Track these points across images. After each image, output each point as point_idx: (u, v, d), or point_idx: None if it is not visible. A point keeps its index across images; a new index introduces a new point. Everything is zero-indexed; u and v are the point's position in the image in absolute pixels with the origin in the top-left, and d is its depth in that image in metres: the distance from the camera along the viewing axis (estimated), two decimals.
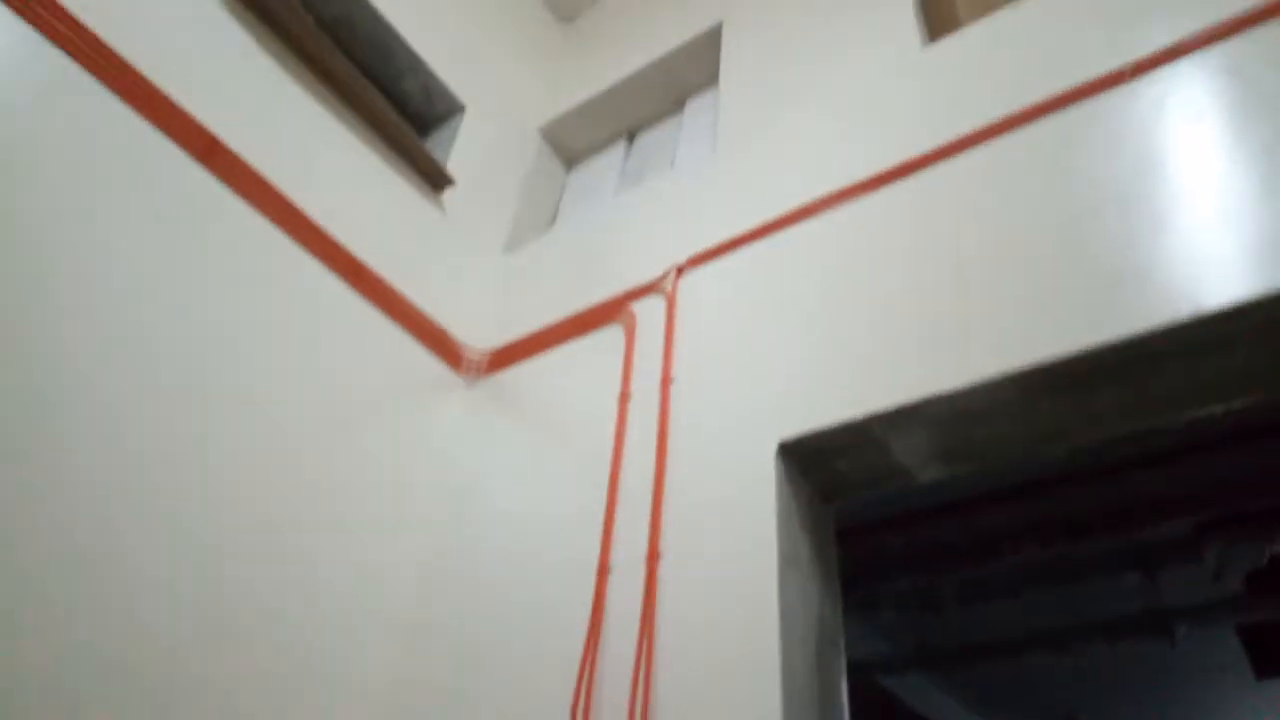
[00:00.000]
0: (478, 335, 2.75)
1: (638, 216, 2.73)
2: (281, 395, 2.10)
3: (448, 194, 2.85)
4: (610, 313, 2.45)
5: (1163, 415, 1.63)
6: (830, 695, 1.61)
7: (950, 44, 2.23)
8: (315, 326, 2.25)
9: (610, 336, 2.40)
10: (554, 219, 3.30)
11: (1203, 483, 3.51)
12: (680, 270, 2.36)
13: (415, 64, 2.93)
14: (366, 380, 2.34)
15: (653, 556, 1.80)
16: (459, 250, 2.85)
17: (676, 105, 3.24)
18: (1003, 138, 1.91)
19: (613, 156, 3.36)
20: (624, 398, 2.18)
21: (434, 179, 2.76)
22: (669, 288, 2.34)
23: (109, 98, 1.94)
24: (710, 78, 3.05)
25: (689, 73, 3.15)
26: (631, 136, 3.37)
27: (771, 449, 1.80)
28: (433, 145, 3.03)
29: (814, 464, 1.83)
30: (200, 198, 2.06)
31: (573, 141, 3.47)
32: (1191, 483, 3.51)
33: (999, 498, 3.84)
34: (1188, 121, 1.68)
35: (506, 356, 2.65)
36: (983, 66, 2.10)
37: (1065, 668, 5.41)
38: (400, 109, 2.87)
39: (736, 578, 1.66)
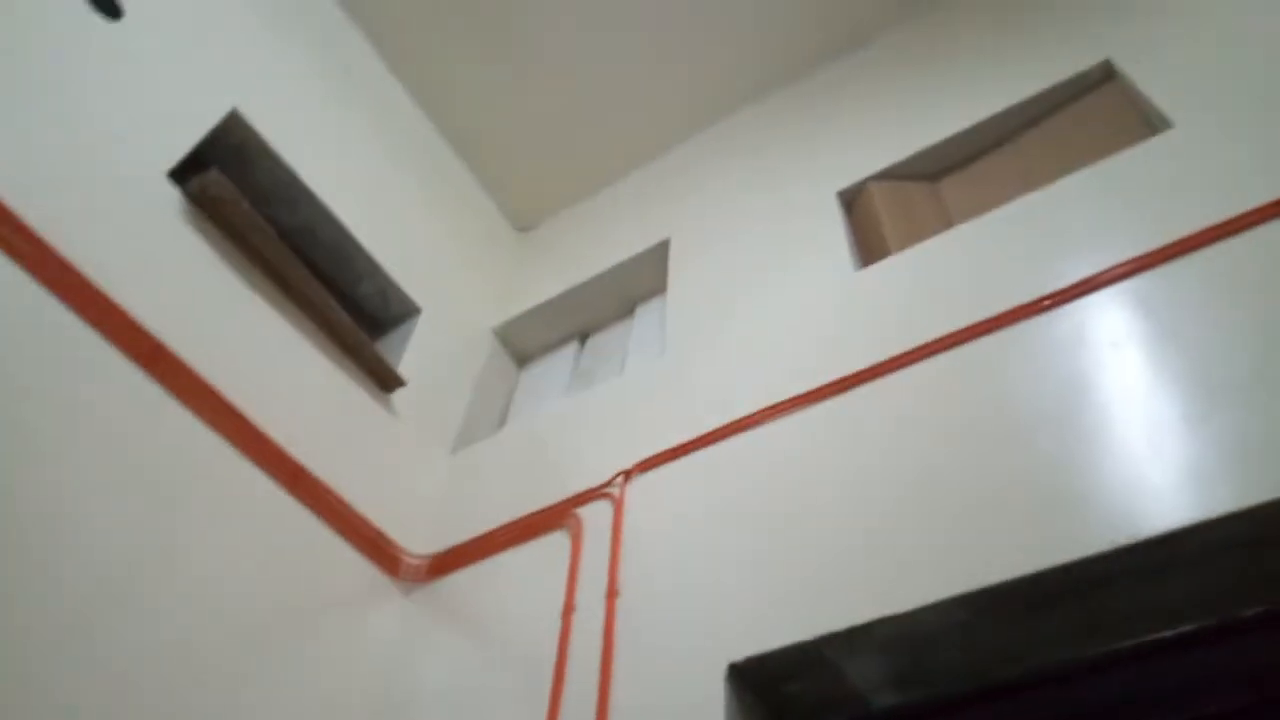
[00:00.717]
0: (420, 539, 2.66)
1: (587, 419, 2.75)
2: (208, 605, 1.97)
3: (398, 395, 2.86)
4: (556, 518, 2.41)
5: (1117, 637, 1.61)
6: None
7: (880, 269, 2.39)
8: (253, 533, 2.16)
9: (556, 543, 2.35)
10: (504, 418, 3.31)
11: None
12: (628, 475, 2.36)
13: (373, 269, 3.02)
14: (299, 589, 2.23)
15: None
16: (406, 451, 2.82)
17: (627, 310, 3.36)
18: (937, 357, 2.00)
19: (564, 356, 3.43)
20: (568, 610, 2.10)
21: (385, 380, 2.78)
22: (616, 493, 2.33)
23: (51, 300, 1.93)
24: (659, 285, 3.19)
25: (639, 281, 3.30)
26: (583, 338, 3.47)
27: (720, 670, 1.72)
28: (388, 346, 3.07)
29: (765, 687, 1.75)
30: (139, 401, 2.03)
31: (525, 342, 3.55)
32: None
33: (954, 705, 3.70)
34: (1106, 348, 1.79)
35: (448, 562, 2.56)
36: (911, 290, 2.24)
37: None
38: (357, 311, 2.93)
39: None
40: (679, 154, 3.74)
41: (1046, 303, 1.94)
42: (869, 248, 2.60)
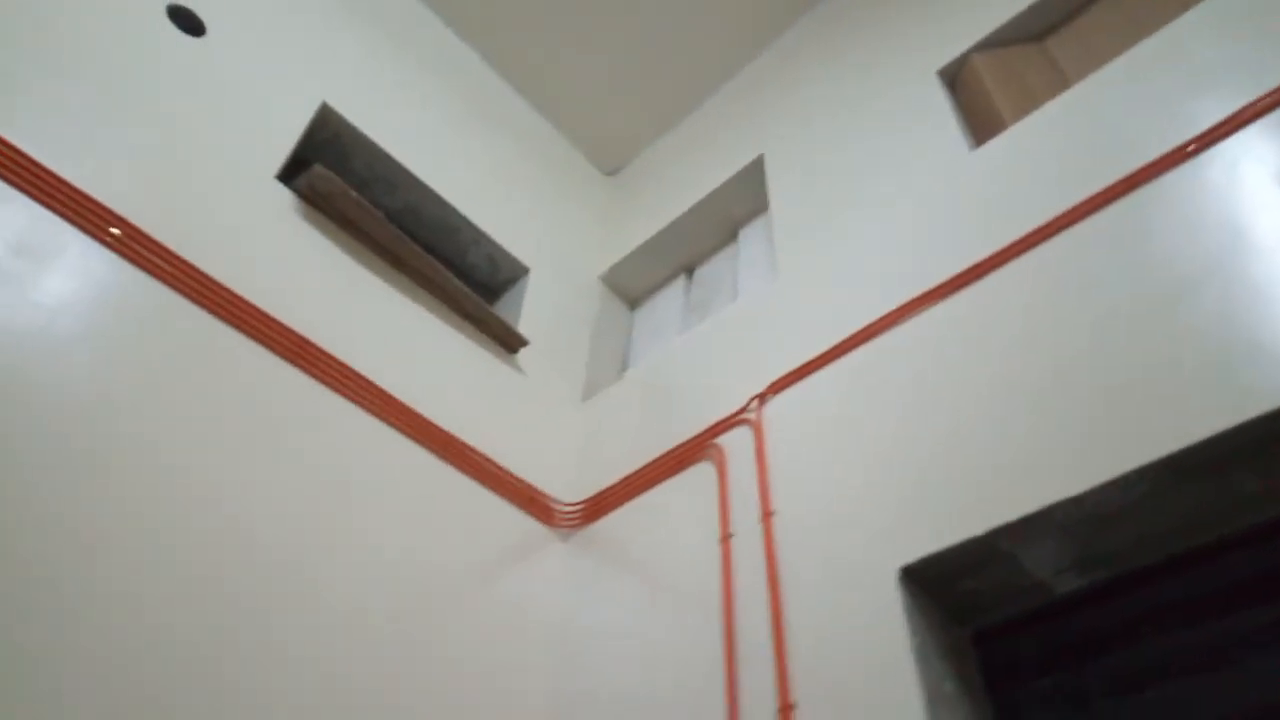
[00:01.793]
0: (568, 488, 2.75)
1: (709, 350, 2.75)
2: (386, 574, 2.10)
3: (523, 354, 2.92)
4: (697, 450, 2.44)
5: None
6: None
7: (997, 145, 2.25)
8: (412, 503, 2.28)
9: (701, 474, 2.38)
10: (625, 362, 3.35)
11: None
12: (762, 398, 2.35)
13: (479, 237, 3.08)
14: (466, 548, 2.34)
15: (785, 709, 1.70)
16: (540, 407, 2.90)
17: (729, 235, 3.31)
18: (1075, 227, 1.88)
19: (674, 293, 3.43)
20: (725, 538, 2.12)
21: (509, 342, 2.85)
22: (753, 417, 2.33)
23: (201, 315, 2.06)
24: (759, 206, 3.13)
25: (737, 204, 3.24)
26: (690, 271, 3.45)
27: (893, 577, 1.72)
28: (502, 309, 3.14)
29: (941, 587, 1.74)
30: (294, 395, 2.15)
31: (634, 284, 3.56)
32: None
33: (1136, 578, 3.59)
34: (1267, 186, 1.64)
35: (599, 507, 2.63)
36: (1036, 162, 2.11)
37: None
38: (469, 281, 3.00)
39: None
40: (758, 66, 3.62)
41: (1191, 148, 1.79)
42: (981, 124, 2.46)
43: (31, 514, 1.57)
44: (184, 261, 2.09)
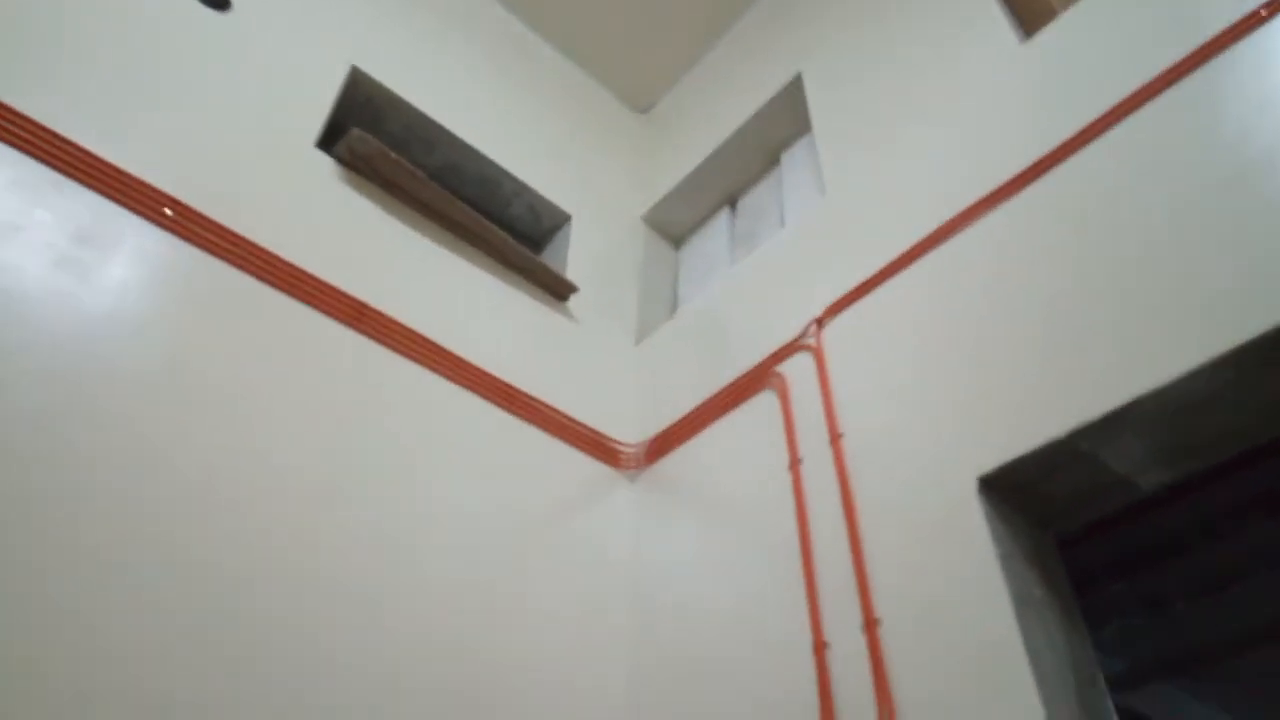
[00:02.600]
0: (629, 430, 2.77)
1: (760, 280, 2.72)
2: (461, 525, 2.15)
3: (573, 300, 2.93)
4: (757, 380, 2.43)
5: None
6: None
7: (1050, 34, 2.15)
8: (481, 455, 2.32)
9: (763, 404, 2.37)
10: (674, 302, 3.33)
11: None
12: (820, 322, 2.32)
13: (520, 189, 3.07)
14: (537, 496, 2.38)
15: (870, 624, 1.71)
16: (594, 352, 2.91)
17: (771, 161, 3.25)
18: (1140, 111, 1.80)
19: (719, 227, 3.38)
20: (794, 463, 2.12)
21: (558, 290, 2.85)
22: (813, 342, 2.30)
23: (262, 289, 2.10)
24: (801, 127, 3.05)
25: (777, 128, 3.17)
26: (733, 203, 3.40)
27: (971, 487, 1.70)
28: (548, 258, 3.14)
29: (1022, 493, 1.71)
30: (357, 357, 2.19)
31: (677, 221, 3.52)
32: None
33: (1211, 475, 3.51)
34: None
35: (663, 445, 2.65)
36: (1091, 48, 2.01)
37: None
38: (513, 233, 2.99)
39: (970, 630, 1.55)
40: None
41: (1264, 13, 1.69)
42: (1030, 14, 2.34)
43: (110, 499, 1.63)
44: (237, 235, 2.12)
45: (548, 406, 2.56)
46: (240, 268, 2.09)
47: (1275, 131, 1.57)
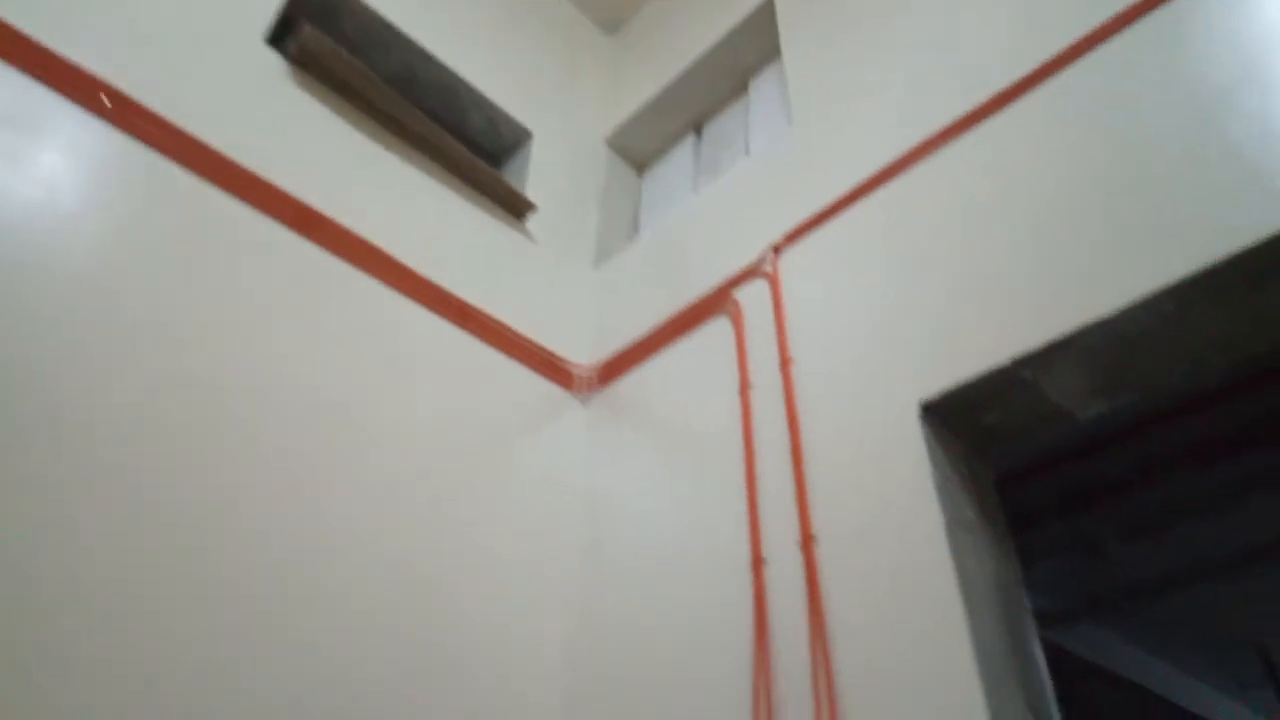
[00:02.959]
0: (583, 352, 2.76)
1: (722, 205, 2.69)
2: (411, 444, 2.13)
3: (531, 220, 2.87)
4: (713, 306, 2.42)
5: None
6: (1028, 659, 1.53)
7: None
8: (432, 370, 2.29)
9: (717, 330, 2.37)
10: (635, 227, 3.29)
11: None
12: (777, 249, 2.31)
13: (478, 100, 2.97)
14: (489, 415, 2.36)
15: (807, 541, 1.74)
16: (551, 273, 2.87)
17: (739, 87, 3.18)
18: (1100, 48, 1.79)
19: (683, 153, 3.33)
20: (744, 387, 2.13)
21: (516, 208, 2.79)
22: (769, 269, 2.29)
23: (203, 186, 2.02)
24: (770, 52, 2.98)
25: (746, 53, 3.10)
26: (699, 129, 3.34)
27: (913, 413, 1.72)
28: (507, 175, 3.06)
29: (962, 421, 1.74)
30: (300, 264, 2.12)
31: (641, 146, 3.45)
32: None
33: (1148, 423, 3.62)
34: None
35: (616, 368, 2.64)
36: None
37: (1248, 599, 5.06)
38: (470, 147, 2.91)
39: (903, 550, 1.59)
40: None
41: None
42: None
43: (33, 395, 1.57)
44: (179, 130, 2.02)
45: (501, 325, 2.52)
46: (182, 164, 2.00)
47: (1234, 70, 1.56)
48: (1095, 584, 4.77)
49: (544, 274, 2.83)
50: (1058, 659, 4.91)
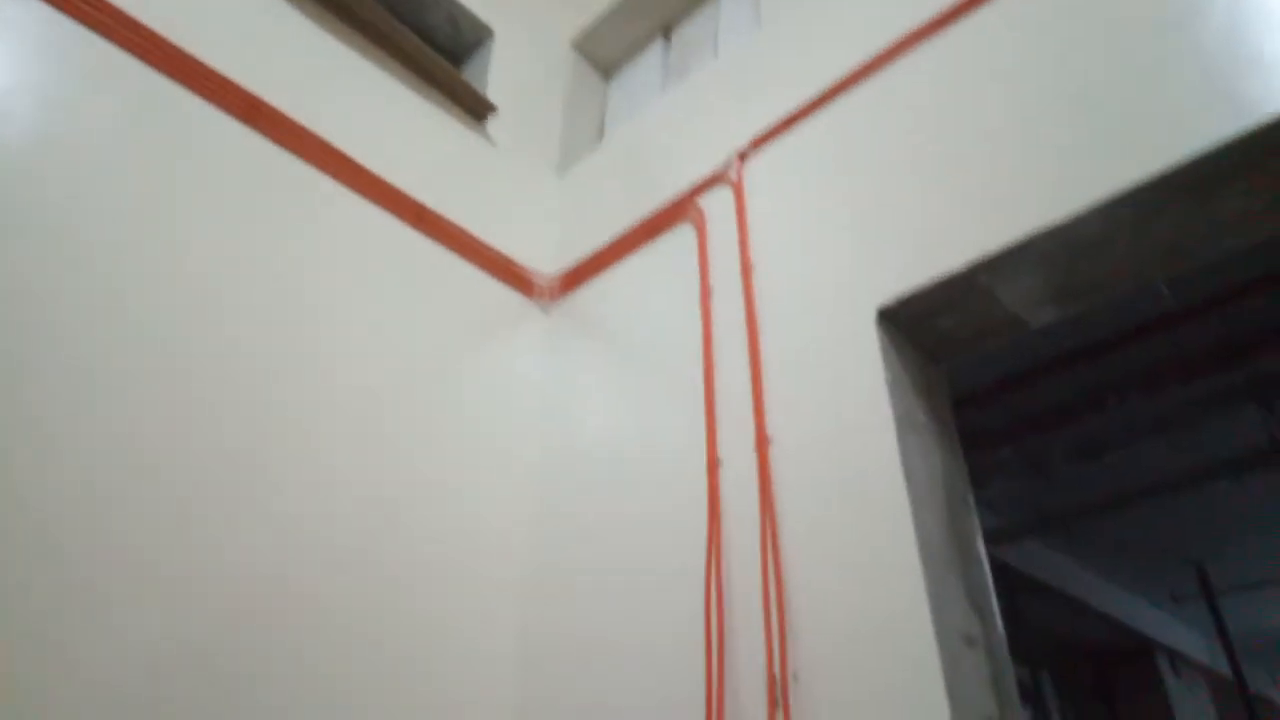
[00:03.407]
0: (545, 261, 2.72)
1: (688, 111, 2.63)
2: (363, 347, 2.09)
3: (492, 123, 2.79)
4: (676, 213, 2.39)
5: None
6: (970, 554, 1.58)
7: None
8: (387, 274, 2.24)
9: (681, 237, 2.34)
10: (601, 134, 3.21)
11: None
12: (743, 156, 2.27)
13: None
14: (445, 321, 2.34)
15: (761, 443, 1.77)
16: (512, 178, 2.81)
17: None
18: None
19: (651, 58, 3.23)
20: (705, 294, 2.12)
21: (475, 109, 2.70)
22: (734, 176, 2.26)
23: (148, 72, 1.93)
24: None
25: None
26: (667, 33, 3.23)
27: (870, 317, 1.73)
28: (467, 75, 2.95)
29: (917, 326, 1.76)
30: (249, 158, 2.04)
31: (607, 50, 3.35)
32: None
33: (1100, 349, 3.70)
34: None
35: (578, 276, 2.62)
36: None
37: (1188, 518, 5.27)
38: (430, 43, 2.79)
39: (853, 450, 1.62)
40: None
41: None
42: None
43: None
44: (123, 13, 1.91)
45: (459, 229, 2.47)
46: (123, 46, 1.90)
47: None
48: (1042, 503, 4.94)
49: (505, 179, 2.77)
50: (1005, 575, 5.12)
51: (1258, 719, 5.68)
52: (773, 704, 1.47)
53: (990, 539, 5.20)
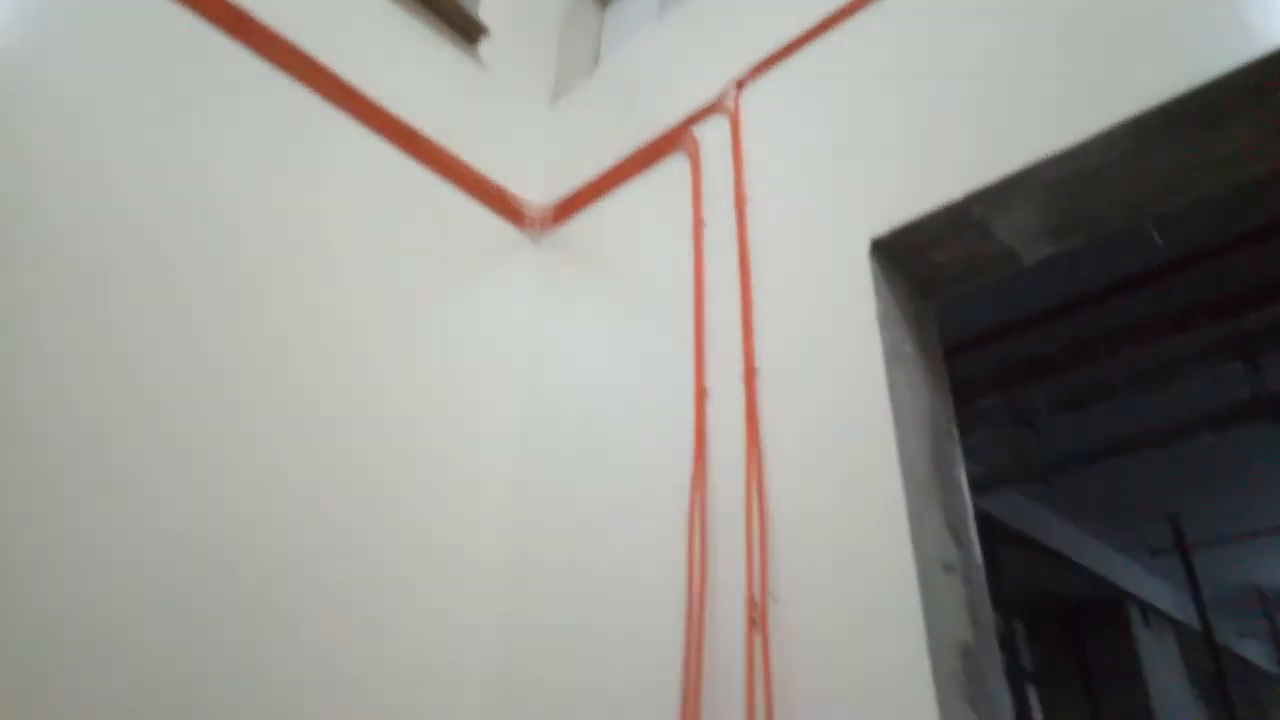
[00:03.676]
0: (537, 190, 2.68)
1: (685, 38, 2.57)
2: (347, 275, 2.05)
3: (484, 47, 2.72)
4: (671, 143, 2.34)
5: None
6: (952, 484, 1.59)
7: None
8: (375, 200, 2.19)
9: (675, 167, 2.30)
10: (596, 60, 3.14)
11: None
12: (740, 84, 2.22)
13: None
14: (434, 250, 2.30)
15: (750, 373, 1.76)
16: (504, 104, 2.75)
17: None
18: None
19: None
20: (698, 225, 2.10)
21: (467, 30, 2.63)
22: (731, 105, 2.21)
23: None
24: None
25: None
26: None
27: (863, 249, 1.71)
28: None
29: (911, 259, 1.74)
30: (234, 72, 1.98)
31: None
32: None
33: (1091, 301, 3.70)
34: None
35: (571, 206, 2.58)
36: None
37: (1167, 472, 5.34)
38: None
39: (841, 381, 1.61)
40: None
41: None
42: None
43: None
44: None
45: (450, 155, 2.42)
46: None
47: None
48: (1025, 453, 4.99)
49: (496, 105, 2.71)
50: (985, 525, 5.19)
51: (1222, 668, 5.84)
52: (751, 624, 1.48)
53: (971, 488, 5.25)
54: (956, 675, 1.34)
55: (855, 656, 1.37)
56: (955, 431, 1.69)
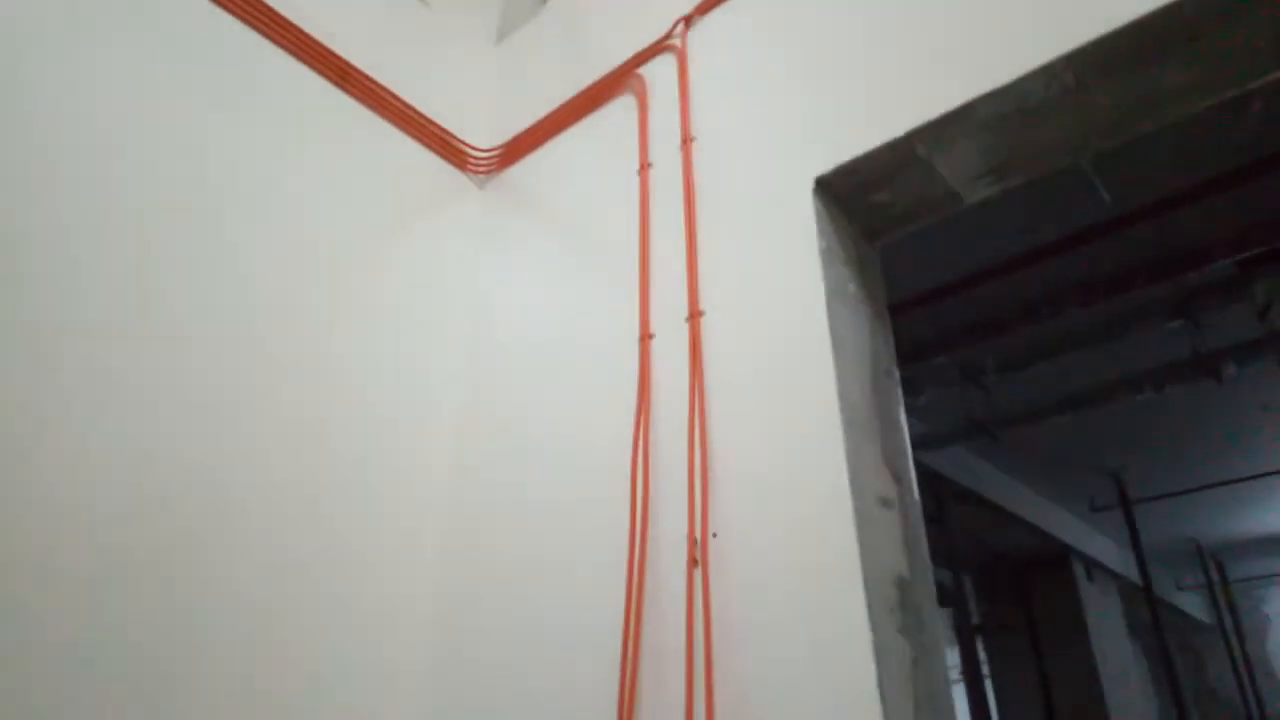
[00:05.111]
0: (481, 133, 2.60)
1: None
2: (282, 217, 1.98)
3: None
4: (618, 83, 2.29)
5: (1232, 84, 1.48)
6: (890, 422, 1.58)
7: None
8: (308, 138, 2.11)
9: (622, 108, 2.25)
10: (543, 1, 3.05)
11: (1244, 220, 3.39)
12: (688, 20, 2.17)
13: None
14: (372, 193, 2.23)
15: (694, 315, 1.73)
16: (447, 44, 2.66)
17: None
18: None
19: None
20: (644, 167, 2.06)
21: None
22: (678, 43, 2.16)
23: None
24: None
25: None
26: None
27: (807, 187, 1.69)
28: None
29: (854, 198, 1.72)
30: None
31: None
32: (1232, 221, 3.39)
33: (1034, 260, 3.74)
34: None
35: (515, 150, 2.51)
36: None
37: (1110, 429, 5.46)
38: None
39: (783, 319, 1.59)
40: None
41: None
42: None
43: None
44: None
45: (389, 92, 2.33)
46: None
47: None
48: (971, 412, 5.07)
49: (439, 44, 2.62)
50: (934, 482, 5.26)
51: (1159, 620, 6.05)
52: (692, 563, 1.47)
53: (920, 445, 5.33)
54: (892, 607, 1.35)
55: (793, 589, 1.37)
56: (896, 371, 1.69)
